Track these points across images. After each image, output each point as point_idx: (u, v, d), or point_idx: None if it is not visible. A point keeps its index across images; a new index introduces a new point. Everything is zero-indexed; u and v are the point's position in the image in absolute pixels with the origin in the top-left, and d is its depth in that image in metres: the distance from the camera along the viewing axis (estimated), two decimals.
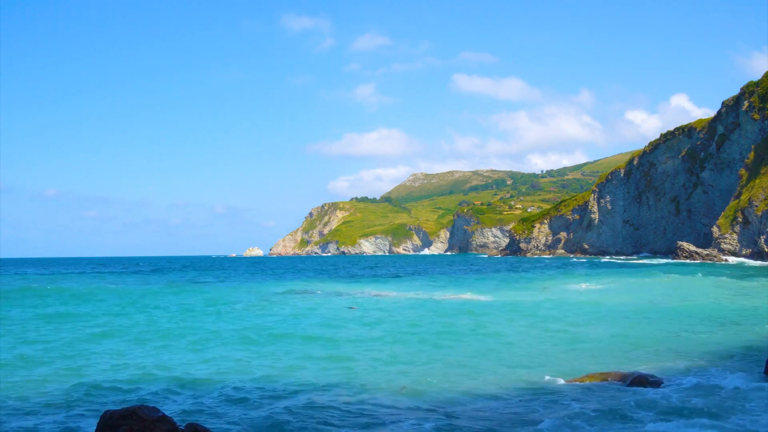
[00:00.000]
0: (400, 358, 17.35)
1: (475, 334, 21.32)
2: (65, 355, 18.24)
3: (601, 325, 23.38)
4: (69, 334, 22.37)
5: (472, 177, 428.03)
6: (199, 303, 34.95)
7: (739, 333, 20.63)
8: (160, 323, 25.77)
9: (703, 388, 12.74)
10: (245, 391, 13.54)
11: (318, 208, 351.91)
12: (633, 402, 11.91)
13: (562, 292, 39.18)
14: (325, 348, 19.16)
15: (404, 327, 23.49)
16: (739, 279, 47.17)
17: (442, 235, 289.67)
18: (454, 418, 11.30)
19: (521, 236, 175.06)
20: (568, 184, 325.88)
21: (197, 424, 9.30)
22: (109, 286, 52.22)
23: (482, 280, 57.04)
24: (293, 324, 24.87)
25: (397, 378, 14.70)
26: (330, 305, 32.67)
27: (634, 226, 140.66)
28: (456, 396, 12.93)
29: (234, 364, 16.77)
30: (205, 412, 11.94)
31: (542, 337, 20.51)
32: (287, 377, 15.00)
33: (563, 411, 11.51)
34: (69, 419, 11.58)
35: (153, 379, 14.94)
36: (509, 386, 13.65)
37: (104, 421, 8.99)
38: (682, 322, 23.69)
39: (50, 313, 29.78)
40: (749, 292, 35.90)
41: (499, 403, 12.26)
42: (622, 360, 16.46)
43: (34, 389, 13.97)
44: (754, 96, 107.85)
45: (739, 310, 26.92)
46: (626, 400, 12.04)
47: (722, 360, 16.08)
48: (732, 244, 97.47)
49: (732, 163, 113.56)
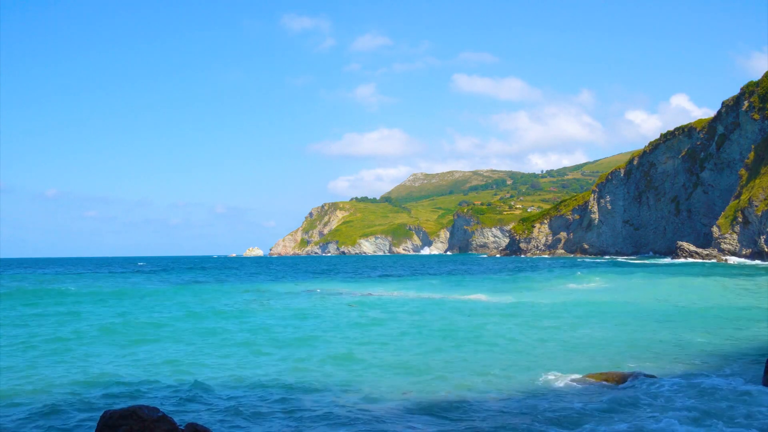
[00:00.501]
0: (401, 357, 17.35)
1: (476, 334, 21.32)
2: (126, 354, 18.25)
3: (601, 325, 23.38)
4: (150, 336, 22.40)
5: (472, 177, 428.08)
6: (204, 305, 34.95)
7: (738, 334, 20.64)
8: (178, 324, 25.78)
9: (701, 389, 12.73)
10: (245, 392, 13.56)
11: (318, 208, 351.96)
12: (632, 402, 11.93)
13: (562, 292, 39.21)
14: (325, 348, 19.17)
15: (405, 327, 23.49)
16: (740, 279, 47.19)
17: (442, 235, 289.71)
18: (455, 419, 11.32)
19: (521, 236, 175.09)
20: (568, 184, 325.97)
21: (197, 424, 9.32)
22: (147, 286, 52.28)
23: (482, 280, 57.05)
24: (294, 324, 24.88)
25: (397, 377, 14.71)
26: (330, 304, 32.68)
27: (634, 226, 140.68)
28: (456, 396, 12.94)
29: (233, 365, 16.78)
30: (205, 413, 11.96)
31: (542, 337, 20.52)
32: (287, 377, 15.00)
33: (565, 410, 11.53)
34: (69, 419, 11.59)
35: (153, 379, 14.96)
36: (509, 386, 13.66)
37: (104, 421, 9.00)
38: (682, 322, 23.70)
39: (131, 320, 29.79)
40: (749, 293, 35.92)
41: (500, 404, 12.27)
42: (622, 360, 16.47)
43: (34, 389, 13.99)
44: (754, 96, 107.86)
45: (740, 311, 26.92)
46: (626, 401, 12.06)
47: (721, 361, 16.09)
48: (732, 244, 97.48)
49: (732, 163, 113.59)
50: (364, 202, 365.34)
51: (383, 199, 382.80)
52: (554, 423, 10.81)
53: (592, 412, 11.37)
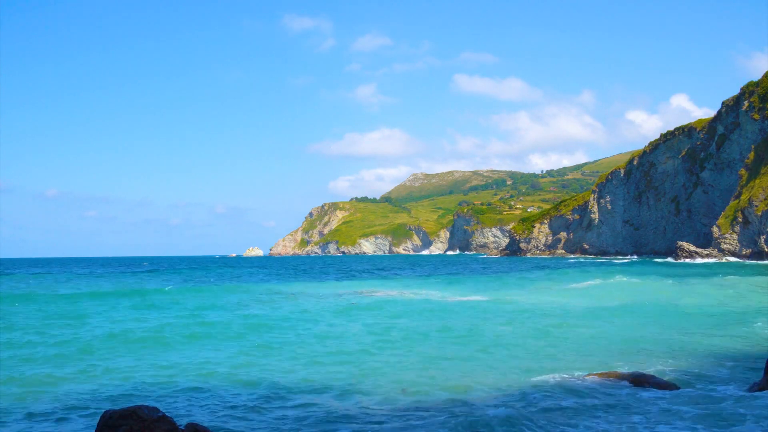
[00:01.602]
0: (400, 356, 17.36)
1: (476, 334, 21.32)
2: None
3: (600, 325, 23.38)
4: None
5: (472, 177, 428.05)
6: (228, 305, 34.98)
7: (738, 335, 20.64)
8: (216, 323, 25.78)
9: (699, 390, 12.74)
10: (245, 392, 13.56)
11: (318, 208, 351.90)
12: (632, 402, 11.95)
13: (562, 292, 39.21)
14: (326, 348, 19.20)
15: (404, 326, 23.50)
16: (739, 279, 47.18)
17: (442, 235, 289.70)
18: (456, 416, 11.32)
19: (521, 236, 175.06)
20: (568, 184, 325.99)
21: (197, 423, 9.32)
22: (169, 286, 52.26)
23: (482, 280, 57.06)
24: (294, 324, 24.89)
25: (396, 377, 14.71)
26: (331, 303, 32.67)
27: (634, 226, 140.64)
28: (455, 396, 12.95)
29: (232, 365, 16.78)
30: (205, 412, 11.96)
31: (542, 337, 20.53)
32: (288, 377, 15.00)
33: (565, 409, 11.53)
34: (68, 419, 11.60)
35: (155, 378, 14.97)
36: (509, 386, 13.66)
37: (104, 420, 9.00)
38: (682, 322, 23.70)
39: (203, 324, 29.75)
40: (749, 293, 35.92)
41: (499, 402, 12.27)
42: (621, 360, 16.48)
43: (35, 388, 13.99)
44: (754, 96, 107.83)
45: (740, 311, 26.92)
46: (625, 400, 12.07)
47: (722, 362, 16.10)
48: (732, 244, 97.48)
49: (732, 163, 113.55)
50: (364, 202, 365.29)
51: (383, 199, 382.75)
52: (552, 423, 10.81)
53: (597, 411, 11.38)
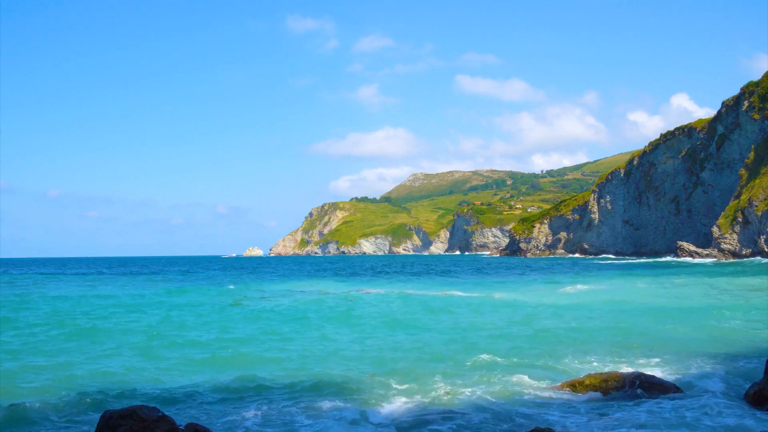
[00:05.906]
0: (399, 356, 17.37)
1: (475, 334, 21.34)
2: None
3: (599, 325, 23.37)
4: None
5: (473, 177, 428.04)
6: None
7: (738, 335, 20.65)
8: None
9: (694, 393, 12.75)
10: (245, 392, 13.57)
11: (318, 208, 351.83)
12: (631, 402, 11.97)
13: (562, 292, 39.22)
14: (325, 348, 19.22)
15: (403, 326, 23.51)
16: (740, 279, 47.18)
17: (442, 235, 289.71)
18: (455, 413, 11.33)
19: (521, 236, 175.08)
20: (568, 184, 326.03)
21: (197, 423, 9.33)
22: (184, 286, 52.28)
23: (481, 280, 57.07)
24: (294, 324, 24.92)
25: (396, 376, 14.71)
26: (331, 303, 32.70)
27: (634, 226, 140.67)
28: (455, 395, 12.95)
29: (231, 365, 16.79)
30: (204, 412, 11.96)
31: (542, 337, 20.53)
32: (287, 377, 15.01)
33: (564, 408, 11.55)
34: (69, 419, 11.60)
35: (155, 378, 14.98)
36: (508, 386, 13.65)
37: (104, 421, 9.01)
38: (681, 323, 23.67)
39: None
40: (749, 293, 35.91)
41: (497, 401, 12.28)
42: (620, 361, 16.49)
43: (35, 388, 14.00)
44: (754, 96, 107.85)
45: (740, 311, 26.91)
46: (624, 400, 12.09)
47: (723, 363, 16.11)
48: (732, 244, 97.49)
49: (732, 163, 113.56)
50: (364, 202, 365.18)
51: (383, 199, 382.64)
52: (550, 423, 10.83)
53: (587, 412, 11.39)
